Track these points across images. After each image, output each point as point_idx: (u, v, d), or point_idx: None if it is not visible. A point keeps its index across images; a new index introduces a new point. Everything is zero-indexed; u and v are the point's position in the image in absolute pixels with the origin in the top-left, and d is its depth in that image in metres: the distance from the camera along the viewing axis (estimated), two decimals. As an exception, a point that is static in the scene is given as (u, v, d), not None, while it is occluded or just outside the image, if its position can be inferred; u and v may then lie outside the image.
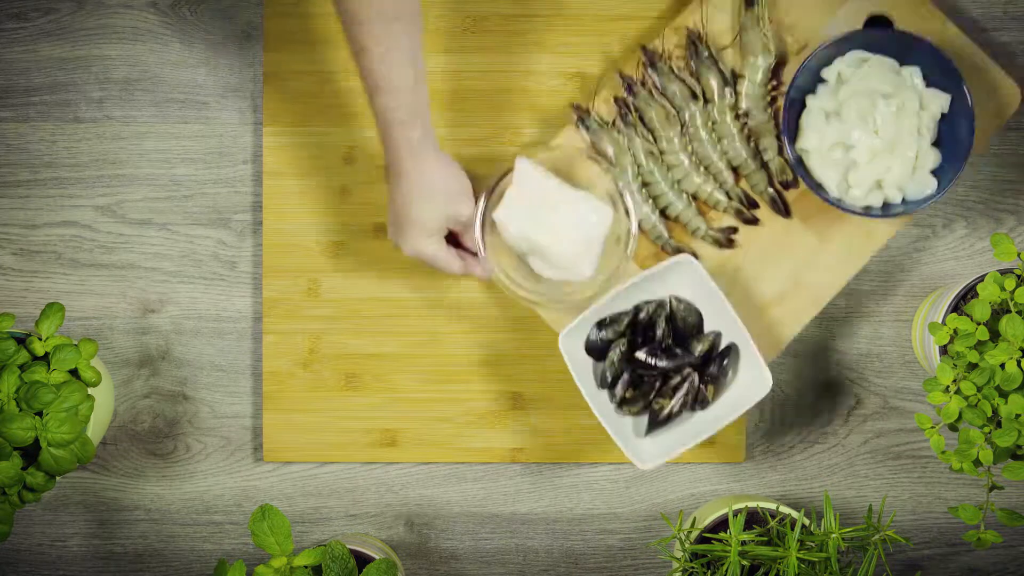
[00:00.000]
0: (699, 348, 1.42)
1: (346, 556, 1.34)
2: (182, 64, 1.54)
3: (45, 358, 1.37)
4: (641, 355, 1.41)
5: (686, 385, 1.42)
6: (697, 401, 1.43)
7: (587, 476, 1.54)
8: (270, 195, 1.52)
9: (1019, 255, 1.34)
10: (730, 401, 1.43)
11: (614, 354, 1.42)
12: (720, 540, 1.37)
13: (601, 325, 1.43)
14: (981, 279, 1.41)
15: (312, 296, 1.52)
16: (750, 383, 1.42)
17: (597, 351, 1.44)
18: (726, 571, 1.35)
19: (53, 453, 1.34)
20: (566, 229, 1.41)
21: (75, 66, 1.54)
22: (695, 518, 1.47)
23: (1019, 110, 1.54)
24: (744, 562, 1.36)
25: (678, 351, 1.42)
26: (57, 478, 1.39)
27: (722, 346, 1.44)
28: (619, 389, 1.43)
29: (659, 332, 1.43)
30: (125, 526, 1.54)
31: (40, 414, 1.33)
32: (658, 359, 1.41)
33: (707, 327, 1.45)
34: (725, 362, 1.43)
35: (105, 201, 1.54)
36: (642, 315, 1.43)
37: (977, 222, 1.55)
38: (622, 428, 1.43)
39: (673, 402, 1.42)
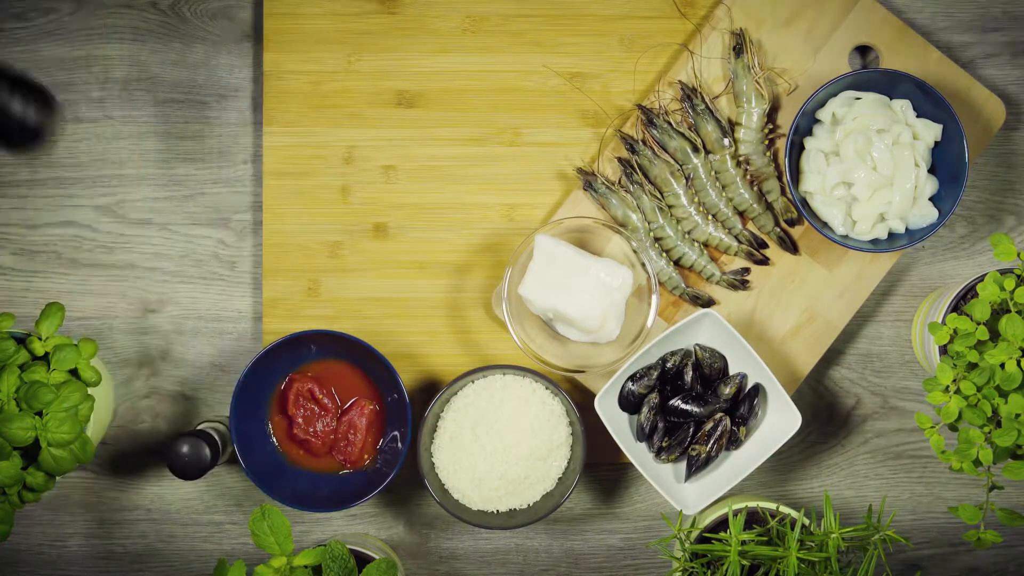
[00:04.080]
0: (727, 391, 1.45)
1: (346, 556, 1.34)
2: (182, 64, 1.54)
3: (45, 358, 1.37)
4: (676, 403, 1.45)
5: (719, 429, 1.44)
6: (731, 442, 1.45)
7: (587, 476, 1.54)
8: (270, 195, 1.52)
9: (1019, 255, 1.34)
10: (761, 438, 1.46)
11: (647, 407, 1.45)
12: (720, 540, 1.37)
13: (631, 379, 1.45)
14: (981, 279, 1.41)
15: (312, 296, 1.52)
16: (779, 419, 1.45)
17: (630, 405, 1.46)
18: (726, 571, 1.35)
19: (53, 453, 1.34)
20: (590, 296, 1.44)
21: (75, 66, 1.54)
22: (695, 518, 1.47)
23: (1013, 115, 1.55)
24: (744, 562, 1.36)
25: (708, 397, 1.45)
26: (57, 478, 1.39)
27: (748, 387, 1.46)
28: (656, 439, 1.46)
29: (687, 379, 1.45)
30: (125, 526, 1.54)
31: (40, 414, 1.33)
32: (691, 406, 1.44)
33: (732, 369, 1.47)
34: (755, 402, 1.45)
35: (105, 201, 1.54)
36: (669, 365, 1.45)
37: (977, 222, 1.55)
38: (662, 476, 1.46)
39: (709, 447, 1.44)
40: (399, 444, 1.47)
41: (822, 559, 1.35)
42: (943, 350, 1.42)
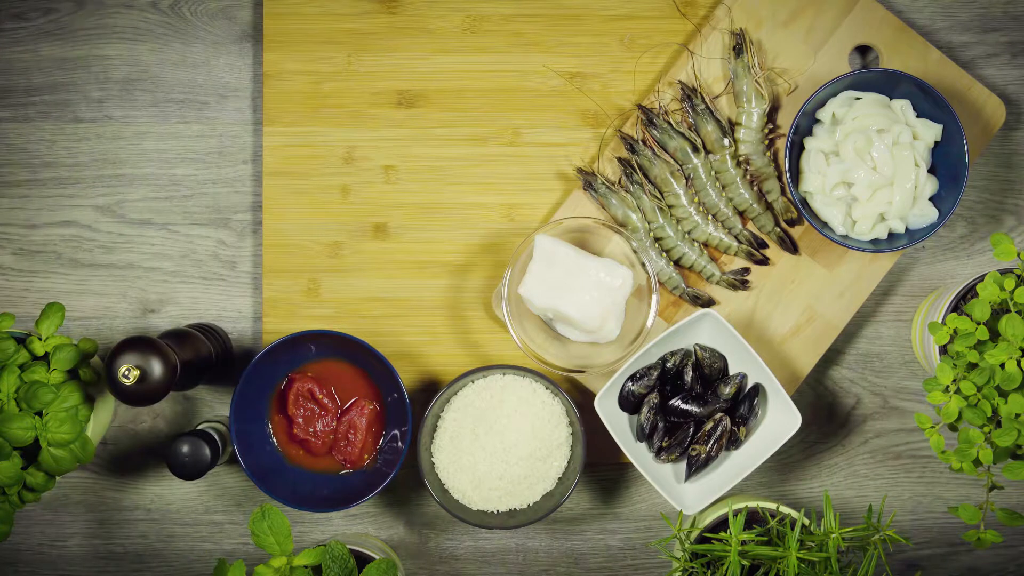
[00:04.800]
0: (727, 391, 1.45)
1: (346, 556, 1.34)
2: (182, 64, 1.54)
3: (45, 358, 1.37)
4: (676, 403, 1.44)
5: (719, 429, 1.44)
6: (731, 442, 1.45)
7: (587, 476, 1.54)
8: (270, 195, 1.52)
9: (1019, 255, 1.34)
10: (761, 438, 1.46)
11: (647, 407, 1.44)
12: (720, 540, 1.37)
13: (631, 379, 1.45)
14: (981, 279, 1.41)
15: (312, 296, 1.52)
16: (779, 419, 1.45)
17: (630, 405, 1.46)
18: (726, 571, 1.35)
19: (53, 453, 1.34)
20: (590, 296, 1.44)
21: (75, 66, 1.54)
22: (695, 518, 1.47)
23: (1013, 115, 1.55)
24: (744, 562, 1.36)
25: (708, 397, 1.45)
26: (57, 478, 1.39)
27: (748, 387, 1.46)
28: (656, 439, 1.45)
29: (687, 379, 1.45)
30: (125, 526, 1.54)
31: (40, 414, 1.33)
32: (691, 406, 1.44)
33: (732, 369, 1.47)
34: (755, 402, 1.45)
35: (105, 201, 1.54)
36: (669, 365, 1.45)
37: (977, 222, 1.55)
38: (663, 476, 1.45)
39: (709, 447, 1.44)
40: (399, 444, 1.47)
41: (822, 559, 1.35)
42: (943, 350, 1.42)
